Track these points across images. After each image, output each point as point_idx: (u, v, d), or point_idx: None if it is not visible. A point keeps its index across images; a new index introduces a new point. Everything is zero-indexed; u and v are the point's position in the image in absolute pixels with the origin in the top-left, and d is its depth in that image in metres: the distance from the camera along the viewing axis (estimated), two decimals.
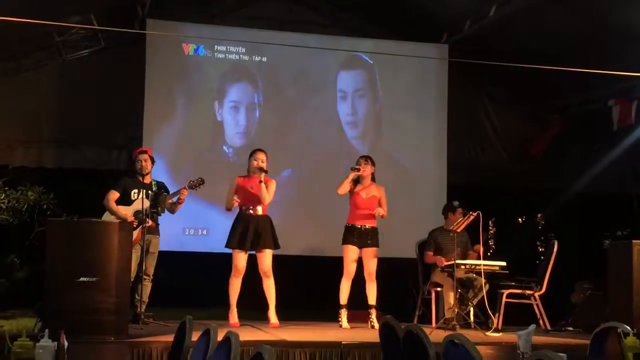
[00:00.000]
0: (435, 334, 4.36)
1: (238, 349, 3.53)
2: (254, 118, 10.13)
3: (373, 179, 8.28)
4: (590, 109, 10.57)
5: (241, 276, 7.88)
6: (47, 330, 3.14)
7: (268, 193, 7.86)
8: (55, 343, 3.10)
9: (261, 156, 7.93)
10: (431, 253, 8.67)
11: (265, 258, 7.90)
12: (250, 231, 7.81)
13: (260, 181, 7.82)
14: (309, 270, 10.15)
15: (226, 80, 10.08)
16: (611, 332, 4.22)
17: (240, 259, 7.84)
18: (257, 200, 7.89)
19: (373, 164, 8.27)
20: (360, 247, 8.12)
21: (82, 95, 9.87)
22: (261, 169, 7.84)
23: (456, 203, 8.90)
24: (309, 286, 10.11)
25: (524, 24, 9.42)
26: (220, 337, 3.95)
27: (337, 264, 8.37)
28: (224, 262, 8.89)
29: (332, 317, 8.44)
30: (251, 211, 7.88)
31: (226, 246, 7.95)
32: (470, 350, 3.71)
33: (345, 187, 8.12)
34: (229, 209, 8.02)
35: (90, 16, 9.29)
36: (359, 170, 8.12)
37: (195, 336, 4.27)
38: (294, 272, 9.42)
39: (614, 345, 3.70)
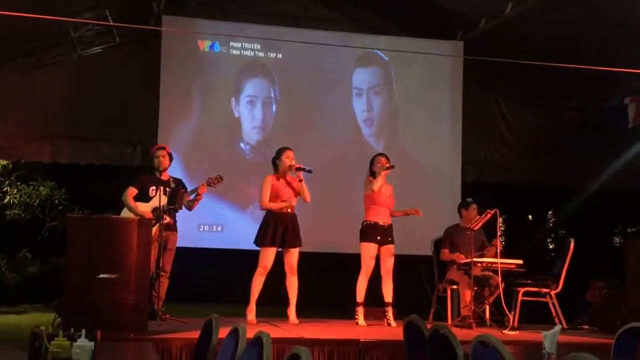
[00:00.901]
0: None
1: (270, 349, 3.52)
2: (270, 113, 10.13)
3: None
4: (605, 107, 10.56)
5: (265, 273, 7.88)
6: (84, 330, 3.14)
7: (303, 189, 7.93)
8: (93, 343, 3.10)
9: (292, 154, 7.97)
10: (447, 250, 8.66)
11: (294, 256, 7.92)
12: (283, 229, 7.81)
13: (300, 180, 7.86)
14: (323, 267, 10.18)
15: (242, 76, 10.08)
16: (638, 333, 4.20)
17: (270, 257, 7.83)
18: (290, 199, 7.92)
19: (389, 160, 8.28)
20: (381, 245, 8.12)
21: (97, 91, 9.87)
22: (301, 169, 7.86)
23: (469, 199, 8.91)
24: (323, 283, 10.14)
25: (540, 22, 9.40)
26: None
27: (351, 260, 8.37)
28: (237, 259, 8.94)
29: (345, 314, 8.45)
30: (284, 210, 7.90)
31: (257, 244, 7.91)
32: (502, 351, 3.71)
33: (380, 185, 8.13)
34: (267, 209, 7.94)
35: (105, 12, 9.31)
36: (393, 167, 8.11)
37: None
38: (308, 269, 9.40)
39: None
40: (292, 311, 7.94)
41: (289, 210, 7.92)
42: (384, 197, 8.17)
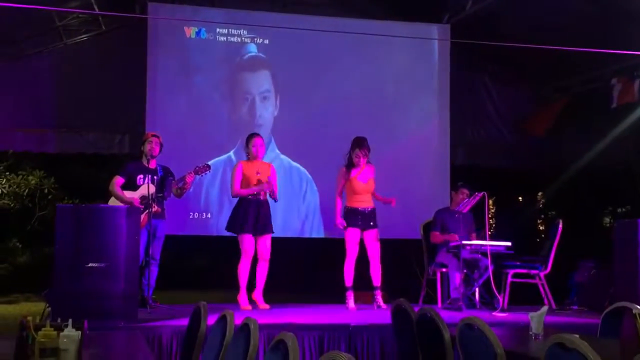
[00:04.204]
0: (441, 315, 4.39)
1: (257, 336, 3.55)
2: (260, 101, 10.07)
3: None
4: (592, 88, 10.57)
5: (251, 259, 7.91)
6: (70, 320, 3.16)
7: (273, 184, 8.00)
8: (79, 332, 3.11)
9: (259, 141, 7.98)
10: (438, 233, 8.69)
11: (268, 242, 7.98)
12: (254, 216, 7.88)
13: (265, 190, 7.91)
14: (311, 252, 10.21)
15: (229, 63, 10.03)
16: (625, 313, 4.23)
17: (250, 243, 7.88)
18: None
19: (368, 149, 8.21)
20: (363, 230, 8.15)
21: (84, 79, 9.83)
22: (259, 182, 7.90)
23: (460, 183, 8.94)
24: (312, 268, 10.17)
25: (526, 3, 9.39)
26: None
27: (338, 245, 8.39)
28: (227, 245, 8.93)
29: (334, 298, 8.48)
30: (254, 197, 7.93)
31: (230, 230, 7.99)
32: (487, 333, 3.74)
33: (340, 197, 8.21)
34: (238, 195, 8.03)
35: (90, 0, 9.26)
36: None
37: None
38: (297, 255, 9.45)
39: (629, 327, 3.71)
40: (259, 296, 7.98)
41: (260, 197, 7.94)
42: (360, 185, 8.17)
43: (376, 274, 8.20)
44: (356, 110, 10.21)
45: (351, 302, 8.09)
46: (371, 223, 8.19)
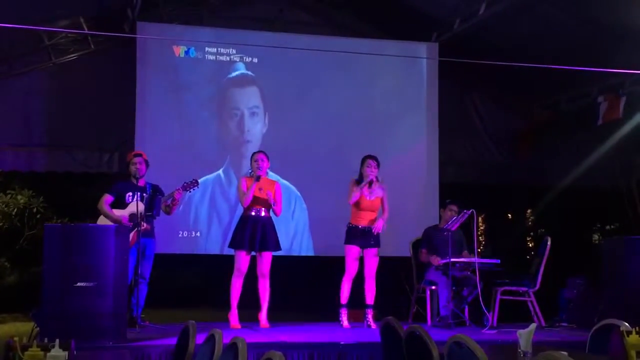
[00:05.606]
0: (430, 332, 4.39)
1: (245, 355, 3.54)
2: (248, 117, 10.08)
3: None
4: (579, 105, 10.63)
5: (242, 277, 7.88)
6: (57, 340, 3.14)
7: (277, 201, 7.95)
8: (66, 353, 3.10)
9: (259, 156, 7.95)
10: (425, 251, 8.70)
11: (266, 260, 7.92)
12: (255, 233, 7.82)
13: (269, 204, 7.87)
14: (305, 270, 10.19)
15: (218, 82, 10.04)
16: (612, 330, 4.24)
17: (243, 260, 7.84)
18: (263, 203, 7.90)
19: (379, 164, 8.27)
20: (362, 248, 8.14)
21: (73, 98, 9.83)
22: (258, 177, 7.83)
23: (448, 200, 8.97)
24: (306, 286, 10.16)
25: (514, 21, 9.47)
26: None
27: (333, 263, 8.37)
28: (216, 263, 8.92)
29: (324, 317, 8.46)
30: (256, 213, 7.90)
31: (230, 246, 7.96)
32: (475, 351, 3.74)
33: (356, 196, 8.12)
34: (248, 201, 7.89)
35: (79, 20, 9.28)
36: (371, 182, 8.08)
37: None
38: (280, 273, 9.41)
39: (617, 343, 3.72)
40: (264, 315, 7.94)
41: (263, 214, 7.92)
42: (366, 201, 8.16)
43: (370, 292, 8.18)
44: (345, 128, 10.24)
45: (345, 320, 8.05)
46: (372, 242, 8.15)
